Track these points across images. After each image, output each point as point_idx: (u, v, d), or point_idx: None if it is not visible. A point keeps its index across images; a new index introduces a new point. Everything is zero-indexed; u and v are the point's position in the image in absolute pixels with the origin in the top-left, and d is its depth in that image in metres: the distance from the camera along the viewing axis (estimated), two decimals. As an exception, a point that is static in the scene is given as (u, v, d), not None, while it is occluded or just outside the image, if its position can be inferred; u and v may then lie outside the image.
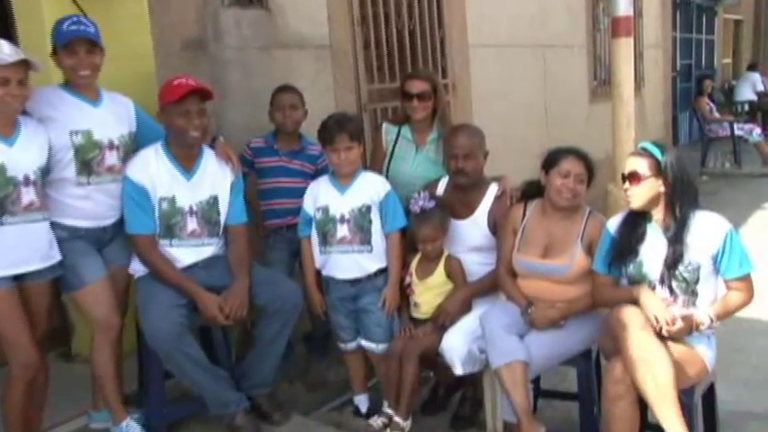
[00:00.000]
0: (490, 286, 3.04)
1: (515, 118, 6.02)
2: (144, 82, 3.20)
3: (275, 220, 3.48)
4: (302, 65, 4.09)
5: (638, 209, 2.59)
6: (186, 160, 2.89)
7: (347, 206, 3.03)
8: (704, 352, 2.54)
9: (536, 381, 3.01)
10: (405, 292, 3.12)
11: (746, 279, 2.55)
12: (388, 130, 3.54)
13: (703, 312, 2.51)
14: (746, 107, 11.62)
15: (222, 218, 2.98)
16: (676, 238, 2.52)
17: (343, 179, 3.07)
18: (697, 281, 2.52)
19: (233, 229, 3.01)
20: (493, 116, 5.51)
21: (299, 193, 3.21)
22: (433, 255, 3.06)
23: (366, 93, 4.54)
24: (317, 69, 4.18)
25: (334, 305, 3.15)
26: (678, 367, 2.42)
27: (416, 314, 3.09)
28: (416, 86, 3.36)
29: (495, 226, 3.05)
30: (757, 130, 9.71)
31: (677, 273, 2.51)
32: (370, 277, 3.08)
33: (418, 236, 3.03)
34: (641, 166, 2.55)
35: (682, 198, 2.53)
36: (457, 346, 2.86)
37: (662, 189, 2.54)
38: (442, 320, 2.99)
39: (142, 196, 2.81)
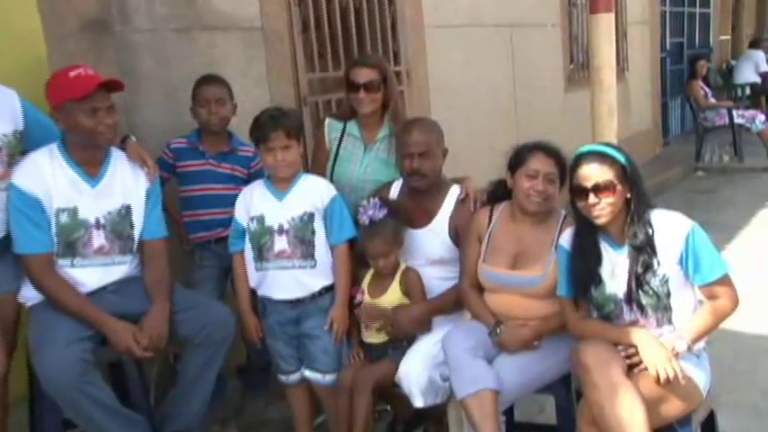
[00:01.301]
0: (453, 303, 3.09)
1: (479, 109, 6.12)
2: (32, 70, 3.13)
3: (202, 232, 3.48)
4: (229, 51, 4.09)
5: (605, 224, 2.61)
6: (90, 164, 2.87)
7: (286, 215, 3.05)
8: (693, 374, 2.55)
9: (509, 412, 3.05)
10: (355, 313, 3.14)
11: (723, 282, 2.57)
12: (331, 127, 3.57)
13: (677, 338, 2.54)
14: (748, 91, 11.69)
15: (136, 231, 2.97)
16: (644, 245, 2.55)
17: (280, 183, 3.09)
18: (668, 294, 2.57)
19: (150, 244, 3.00)
20: (453, 108, 5.59)
21: (230, 200, 3.23)
22: (386, 271, 3.09)
23: (306, 83, 4.57)
24: (246, 56, 4.19)
25: (272, 331, 3.16)
26: (661, 399, 2.47)
27: (369, 339, 3.12)
28: (363, 75, 3.40)
29: (457, 234, 3.10)
30: (761, 117, 9.67)
31: (646, 286, 2.55)
32: (314, 297, 3.10)
33: (368, 251, 3.07)
34: (609, 173, 2.57)
35: (641, 200, 2.60)
36: (416, 373, 2.89)
37: (628, 196, 2.59)
38: (393, 333, 3.02)
39: (34, 208, 2.77)
